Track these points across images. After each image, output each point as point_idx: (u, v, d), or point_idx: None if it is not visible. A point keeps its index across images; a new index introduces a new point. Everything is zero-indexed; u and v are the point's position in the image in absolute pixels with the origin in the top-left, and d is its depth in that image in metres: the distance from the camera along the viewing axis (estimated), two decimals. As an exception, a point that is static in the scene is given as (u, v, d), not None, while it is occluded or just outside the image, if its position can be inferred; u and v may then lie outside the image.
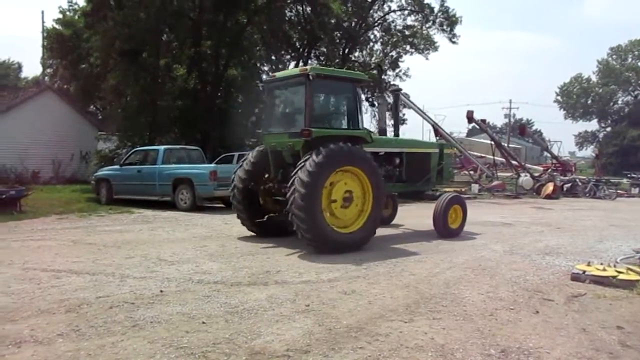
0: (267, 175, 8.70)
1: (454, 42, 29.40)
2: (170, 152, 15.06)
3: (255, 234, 9.15)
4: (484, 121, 23.37)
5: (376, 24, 30.31)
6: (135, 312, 4.60)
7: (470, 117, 22.04)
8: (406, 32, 29.72)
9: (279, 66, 25.77)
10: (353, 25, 28.42)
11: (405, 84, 40.69)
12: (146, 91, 20.67)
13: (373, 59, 30.85)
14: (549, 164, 30.92)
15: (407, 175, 9.86)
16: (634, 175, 30.69)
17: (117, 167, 15.72)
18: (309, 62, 26.59)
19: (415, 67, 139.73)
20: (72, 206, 13.78)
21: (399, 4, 29.46)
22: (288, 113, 9.37)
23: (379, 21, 30.29)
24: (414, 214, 12.68)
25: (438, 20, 29.00)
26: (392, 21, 30.17)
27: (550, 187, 21.34)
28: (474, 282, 5.91)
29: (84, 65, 25.70)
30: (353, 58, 29.63)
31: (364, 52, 31.35)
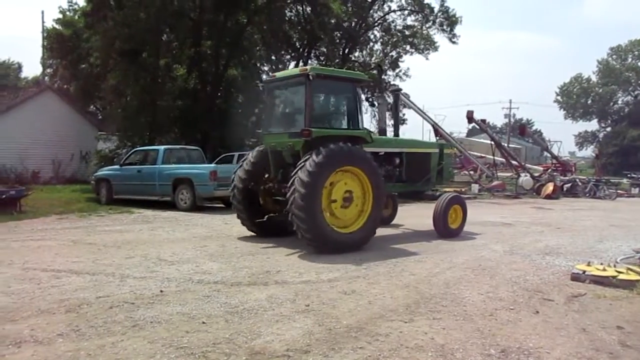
0: (267, 175, 8.70)
1: (454, 42, 29.47)
2: (170, 152, 15.07)
3: (255, 234, 9.15)
4: (484, 121, 23.37)
5: (376, 24, 30.32)
6: (135, 312, 4.60)
7: (470, 117, 22.04)
8: (406, 32, 29.73)
9: (279, 66, 25.78)
10: (353, 25, 28.42)
11: (405, 84, 40.73)
12: (146, 91, 20.67)
13: (373, 59, 30.85)
14: (549, 164, 30.91)
15: (407, 175, 9.86)
16: (634, 175, 30.69)
17: (117, 167, 15.72)
18: (309, 62, 26.58)
19: (415, 67, 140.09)
20: (72, 206, 13.78)
21: (399, 4, 29.53)
22: (288, 113, 9.37)
23: (379, 21, 30.30)
24: (413, 214, 12.68)
25: (438, 20, 29.03)
26: (392, 21, 30.25)
27: (550, 187, 21.34)
28: (474, 282, 5.91)
29: (84, 65, 25.70)
30: (353, 58, 29.64)
31: (364, 52, 31.38)
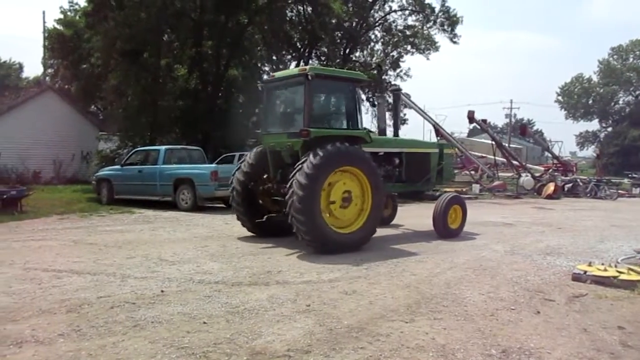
0: (266, 175, 8.69)
1: (455, 42, 29.48)
2: (171, 152, 15.07)
3: (256, 234, 9.15)
4: (484, 121, 23.35)
5: (377, 24, 30.32)
6: (136, 312, 4.60)
7: (471, 117, 22.03)
8: (407, 32, 29.73)
9: (280, 66, 25.77)
10: (354, 25, 28.43)
11: (406, 84, 40.77)
12: (147, 91, 20.69)
13: (374, 59, 30.84)
14: (550, 164, 30.89)
15: (407, 175, 9.83)
16: (635, 176, 30.69)
17: (118, 167, 15.72)
18: (310, 62, 26.60)
19: (416, 67, 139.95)
20: (73, 206, 13.78)
21: (400, 4, 29.55)
22: (287, 113, 9.35)
23: (379, 21, 30.29)
24: (413, 214, 12.67)
25: (439, 20, 29.05)
26: (393, 21, 30.25)
27: (551, 187, 21.33)
28: (475, 283, 5.91)
29: (85, 66, 25.73)
30: (354, 58, 29.66)
31: (364, 52, 31.38)
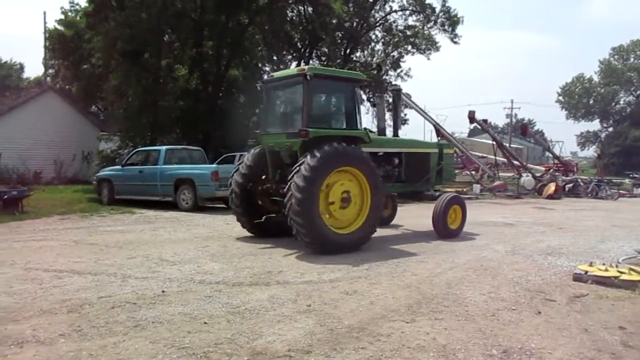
0: (265, 175, 8.67)
1: (456, 42, 29.49)
2: (171, 153, 15.08)
3: (256, 235, 9.15)
4: (485, 121, 23.37)
5: (377, 24, 30.32)
6: (137, 312, 4.60)
7: (471, 117, 22.04)
8: (408, 32, 29.73)
9: (281, 66, 25.77)
10: (354, 25, 28.44)
11: (406, 84, 40.80)
12: (148, 91, 20.70)
13: (374, 59, 30.84)
14: (550, 164, 30.90)
15: (406, 175, 9.82)
16: (636, 176, 30.66)
17: (119, 167, 15.72)
18: (311, 62, 26.61)
19: (416, 67, 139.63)
20: (74, 206, 13.79)
21: (401, 4, 29.56)
22: (286, 113, 9.32)
23: (380, 21, 30.30)
24: (413, 215, 12.66)
25: (439, 20, 29.05)
26: (394, 21, 30.25)
27: (552, 187, 21.33)
28: (475, 283, 5.90)
29: (85, 66, 25.74)
30: (354, 58, 29.66)
31: (365, 52, 31.39)
